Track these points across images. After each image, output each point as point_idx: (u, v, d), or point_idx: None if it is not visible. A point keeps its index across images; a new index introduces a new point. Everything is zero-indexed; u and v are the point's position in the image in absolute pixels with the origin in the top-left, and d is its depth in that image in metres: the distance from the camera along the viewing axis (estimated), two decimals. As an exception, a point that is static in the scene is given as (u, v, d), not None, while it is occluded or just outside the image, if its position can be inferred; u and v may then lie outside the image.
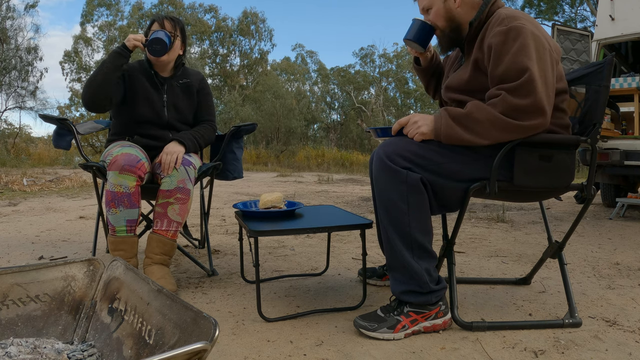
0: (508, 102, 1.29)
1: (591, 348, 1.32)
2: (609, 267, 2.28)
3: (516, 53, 1.31)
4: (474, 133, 1.34)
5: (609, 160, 3.84)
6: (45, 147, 13.70)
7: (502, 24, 1.37)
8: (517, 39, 1.32)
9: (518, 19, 1.36)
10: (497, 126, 1.31)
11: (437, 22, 1.54)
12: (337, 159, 16.54)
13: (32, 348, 1.05)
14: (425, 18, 1.58)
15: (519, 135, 1.33)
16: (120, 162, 1.74)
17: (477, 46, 1.45)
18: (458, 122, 1.36)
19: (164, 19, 2.02)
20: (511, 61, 1.32)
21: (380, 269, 1.93)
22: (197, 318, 0.91)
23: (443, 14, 1.51)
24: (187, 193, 1.85)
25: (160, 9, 24.13)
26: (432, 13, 1.53)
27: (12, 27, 17.01)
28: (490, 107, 1.32)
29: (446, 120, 1.37)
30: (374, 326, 1.39)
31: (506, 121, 1.30)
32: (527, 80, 1.28)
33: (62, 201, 4.81)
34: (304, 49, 33.77)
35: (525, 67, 1.29)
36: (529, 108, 1.29)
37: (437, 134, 1.39)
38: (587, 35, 4.57)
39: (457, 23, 1.51)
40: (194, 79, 2.15)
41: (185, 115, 2.12)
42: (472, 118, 1.34)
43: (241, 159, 2.27)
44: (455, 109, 1.38)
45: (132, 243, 1.81)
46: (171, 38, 1.97)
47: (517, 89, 1.29)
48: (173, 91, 2.09)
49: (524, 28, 1.33)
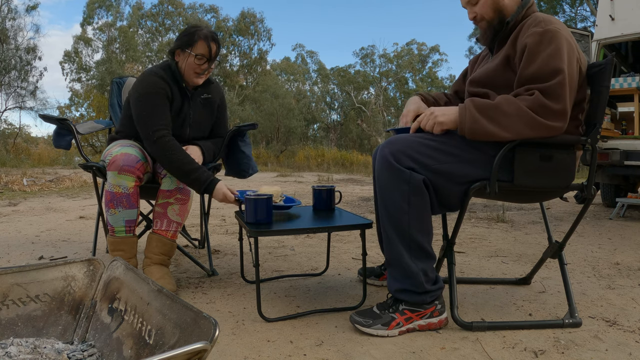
0: (540, 101, 1.31)
1: (591, 348, 1.32)
2: (609, 267, 2.28)
3: (551, 55, 1.34)
4: (500, 125, 1.34)
5: (609, 160, 3.84)
6: (45, 147, 13.70)
7: (539, 25, 1.40)
8: (552, 42, 1.35)
9: (554, 23, 1.40)
10: (524, 121, 1.33)
11: (484, 14, 1.54)
12: (337, 159, 16.55)
13: (32, 348, 1.05)
14: (469, 10, 1.59)
15: (542, 133, 1.34)
16: (119, 163, 1.73)
17: (510, 44, 1.47)
18: (484, 113, 1.36)
19: (211, 41, 1.86)
20: (545, 62, 1.34)
21: (378, 268, 1.93)
22: (197, 318, 0.91)
23: (491, 4, 1.53)
24: (187, 193, 1.85)
25: (160, 9, 24.15)
26: (480, 4, 1.54)
27: (12, 27, 17.02)
28: (520, 102, 1.34)
29: (471, 112, 1.37)
30: (368, 322, 1.40)
31: (534, 118, 1.32)
32: (560, 83, 1.31)
33: (62, 201, 4.81)
34: (304, 49, 33.77)
35: (559, 69, 1.32)
36: (558, 110, 1.32)
37: (461, 127, 1.38)
38: (587, 35, 4.57)
39: (503, 15, 1.53)
40: (215, 94, 2.08)
41: (204, 131, 2.08)
42: (500, 110, 1.35)
43: (251, 155, 2.23)
44: (482, 99, 1.39)
45: (132, 243, 1.80)
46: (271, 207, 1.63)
47: (550, 90, 1.32)
48: (197, 107, 2.00)
49: (560, 32, 1.37)
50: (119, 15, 23.10)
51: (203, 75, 1.92)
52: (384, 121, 25.63)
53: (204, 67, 1.89)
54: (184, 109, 1.95)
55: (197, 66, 1.87)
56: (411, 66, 27.79)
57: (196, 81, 1.92)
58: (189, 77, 1.90)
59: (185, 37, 1.87)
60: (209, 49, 1.86)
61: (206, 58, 1.87)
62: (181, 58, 1.88)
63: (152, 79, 1.84)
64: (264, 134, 22.71)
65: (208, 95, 2.04)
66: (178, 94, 1.91)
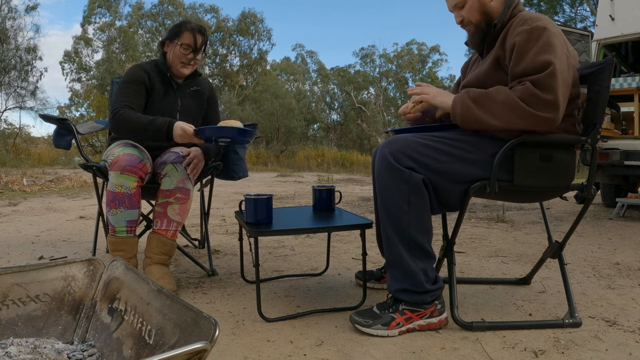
0: (530, 91, 1.32)
1: (591, 348, 1.32)
2: (609, 267, 2.28)
3: (539, 51, 1.34)
4: (490, 113, 1.36)
5: (609, 160, 3.84)
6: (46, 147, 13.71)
7: (526, 23, 1.40)
8: (540, 38, 1.35)
9: (541, 19, 1.40)
10: (514, 110, 1.33)
11: (471, 17, 1.55)
12: (337, 159, 16.55)
13: (32, 348, 1.05)
14: (456, 14, 1.60)
15: (531, 124, 1.34)
16: (122, 163, 1.74)
17: (499, 45, 1.47)
18: (475, 101, 1.39)
19: (197, 32, 1.97)
20: (534, 57, 1.34)
21: (378, 271, 1.93)
22: (197, 318, 0.91)
23: (477, 7, 1.53)
24: (186, 193, 1.85)
25: (160, 9, 24.14)
26: (467, 8, 1.55)
27: (12, 27, 17.02)
28: (511, 91, 1.35)
29: (464, 100, 1.41)
30: (368, 322, 1.40)
31: (523, 107, 1.32)
32: (550, 74, 1.31)
33: (62, 201, 4.81)
34: (304, 49, 33.74)
35: (549, 61, 1.32)
36: (549, 101, 1.31)
37: (453, 113, 1.43)
38: (587, 35, 4.57)
39: (490, 17, 1.53)
40: (204, 87, 2.16)
41: (196, 121, 2.12)
42: (490, 97, 1.37)
43: (245, 158, 2.27)
44: (476, 89, 1.42)
45: (132, 243, 1.81)
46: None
47: (541, 81, 1.31)
48: (185, 97, 2.09)
49: (548, 29, 1.37)
50: (118, 15, 23.10)
51: (189, 65, 2.01)
52: (384, 121, 25.63)
53: (190, 56, 1.98)
54: (170, 96, 2.03)
55: (183, 55, 1.97)
56: (411, 66, 27.79)
57: (182, 71, 2.01)
58: (176, 67, 2.00)
59: (174, 29, 1.99)
60: (195, 40, 1.96)
61: (192, 48, 1.97)
62: (169, 49, 2.00)
63: (131, 69, 1.99)
64: (264, 134, 22.68)
65: (197, 88, 2.13)
66: (159, 82, 2.00)
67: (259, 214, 1.57)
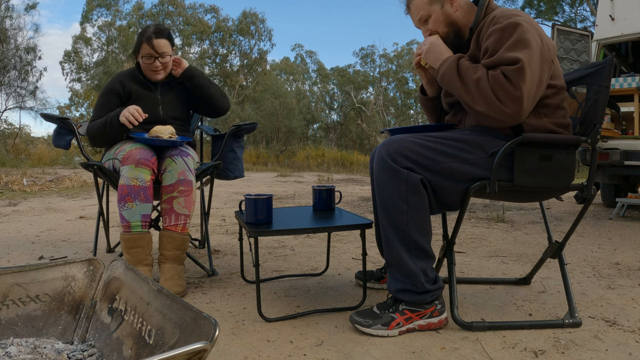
0: (499, 80, 1.31)
1: (591, 348, 1.32)
2: (609, 267, 2.28)
3: (509, 48, 1.33)
4: (464, 84, 1.39)
5: (609, 160, 3.85)
6: (46, 147, 13.71)
7: (498, 22, 1.39)
8: (511, 35, 1.35)
9: (512, 16, 1.39)
10: (481, 92, 1.34)
11: (438, 29, 1.55)
12: (337, 159, 16.55)
13: (32, 348, 1.05)
14: (423, 30, 1.61)
15: (495, 115, 1.34)
16: (136, 156, 1.76)
17: (474, 44, 1.47)
18: (460, 69, 1.41)
19: (153, 39, 1.99)
20: (502, 55, 1.33)
21: (378, 271, 1.93)
22: (197, 318, 0.91)
23: (443, 20, 1.54)
24: (189, 184, 1.84)
25: (160, 9, 24.13)
26: (432, 21, 1.56)
27: (11, 26, 17.01)
28: (486, 75, 1.35)
29: (452, 62, 1.43)
30: (368, 322, 1.40)
31: (490, 94, 1.33)
32: (519, 69, 1.30)
33: (62, 201, 4.81)
34: (303, 48, 33.84)
35: (517, 59, 1.31)
36: (514, 96, 1.30)
37: (438, 68, 1.48)
38: (587, 35, 4.57)
39: (457, 27, 1.54)
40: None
41: (180, 111, 2.16)
42: (470, 72, 1.38)
43: (242, 158, 2.28)
44: (467, 61, 1.43)
45: (148, 240, 1.78)
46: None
47: (509, 75, 1.31)
48: (166, 92, 2.13)
49: (520, 24, 1.35)
50: (118, 15, 23.08)
51: (161, 70, 2.07)
52: (383, 121, 25.64)
53: (156, 64, 2.04)
54: (150, 95, 2.09)
55: (148, 65, 2.04)
56: (411, 66, 27.79)
57: (156, 78, 2.08)
58: (149, 76, 2.08)
59: (136, 44, 2.07)
60: (153, 48, 2.00)
61: (153, 57, 2.02)
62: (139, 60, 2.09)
63: (108, 81, 2.12)
64: (264, 134, 22.70)
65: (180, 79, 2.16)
66: (136, 86, 2.08)
67: (259, 214, 1.58)
